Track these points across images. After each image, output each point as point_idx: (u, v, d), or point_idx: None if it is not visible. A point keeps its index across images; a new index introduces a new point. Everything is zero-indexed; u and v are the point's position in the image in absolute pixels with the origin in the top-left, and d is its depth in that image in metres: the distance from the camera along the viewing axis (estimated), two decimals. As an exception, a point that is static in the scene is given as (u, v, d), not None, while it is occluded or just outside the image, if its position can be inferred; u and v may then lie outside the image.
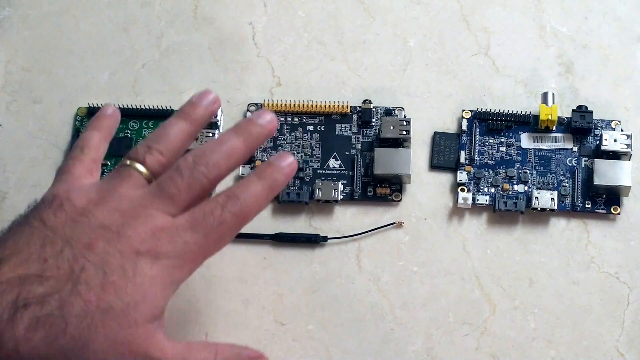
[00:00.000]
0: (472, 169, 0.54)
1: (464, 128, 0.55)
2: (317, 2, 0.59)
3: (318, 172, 0.54)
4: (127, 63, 0.58)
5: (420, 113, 0.56)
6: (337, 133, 0.55)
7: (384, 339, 0.50)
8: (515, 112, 0.55)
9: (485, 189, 0.53)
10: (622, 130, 0.54)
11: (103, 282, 0.38)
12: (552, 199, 0.52)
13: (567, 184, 0.53)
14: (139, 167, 0.42)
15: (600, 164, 0.52)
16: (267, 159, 0.47)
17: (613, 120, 0.55)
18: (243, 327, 0.51)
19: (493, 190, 0.53)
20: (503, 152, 0.54)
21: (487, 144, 0.54)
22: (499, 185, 0.53)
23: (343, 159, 0.55)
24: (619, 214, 0.52)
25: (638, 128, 0.55)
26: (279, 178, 0.43)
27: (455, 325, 0.51)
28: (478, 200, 0.53)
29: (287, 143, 0.55)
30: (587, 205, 0.53)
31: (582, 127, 0.54)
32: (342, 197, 0.53)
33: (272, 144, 0.55)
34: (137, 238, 0.40)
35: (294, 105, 0.56)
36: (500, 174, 0.54)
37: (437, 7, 0.59)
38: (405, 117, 0.55)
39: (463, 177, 0.54)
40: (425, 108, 0.56)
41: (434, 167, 0.55)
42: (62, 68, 0.58)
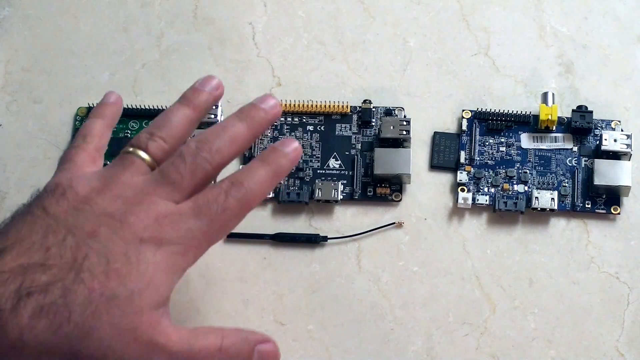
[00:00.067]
0: (472, 169, 0.54)
1: (464, 128, 0.55)
2: (317, 2, 0.59)
3: (318, 172, 0.54)
4: (127, 63, 0.58)
5: (420, 113, 0.56)
6: (337, 133, 0.55)
7: (384, 339, 0.50)
8: (515, 112, 0.55)
9: (485, 189, 0.53)
10: (622, 130, 0.54)
11: (106, 269, 0.38)
12: (552, 199, 0.52)
13: (567, 184, 0.53)
14: (142, 154, 0.42)
15: (600, 164, 0.52)
16: (271, 145, 0.46)
17: (613, 120, 0.55)
18: (243, 327, 0.50)
19: (493, 190, 0.53)
20: (503, 152, 0.54)
21: (487, 144, 0.54)
22: (499, 185, 0.53)
23: (343, 159, 0.55)
24: (619, 214, 0.52)
25: (638, 128, 0.55)
26: (284, 164, 0.43)
27: (455, 325, 0.51)
28: (478, 200, 0.53)
29: (287, 143, 0.55)
30: (587, 205, 0.53)
31: (582, 127, 0.54)
32: (342, 197, 0.53)
33: (272, 144, 0.55)
34: (140, 225, 0.39)
35: (294, 105, 0.56)
36: (500, 174, 0.54)
37: (437, 7, 0.59)
38: (405, 117, 0.55)
39: (463, 177, 0.54)
40: (425, 108, 0.56)
41: (434, 167, 0.55)
42: (62, 68, 0.58)
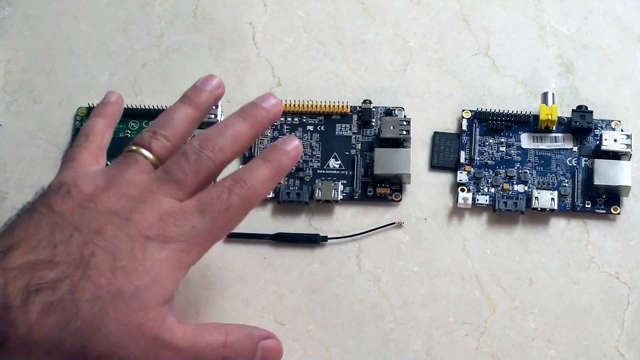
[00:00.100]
0: (472, 169, 0.54)
1: (464, 128, 0.55)
2: (317, 2, 0.59)
3: (318, 172, 0.54)
4: (127, 63, 0.58)
5: (420, 113, 0.56)
6: (337, 133, 0.55)
7: (384, 339, 0.50)
8: (515, 112, 0.55)
9: (485, 189, 0.53)
10: (622, 130, 0.54)
11: (113, 266, 0.38)
12: (552, 199, 0.52)
13: (567, 184, 0.53)
14: (145, 152, 0.42)
15: (600, 164, 0.52)
16: (271, 143, 0.47)
17: (613, 120, 0.55)
18: (243, 327, 0.51)
19: (493, 190, 0.53)
20: (503, 152, 0.54)
21: (487, 144, 0.54)
22: (499, 185, 0.53)
23: (343, 159, 0.55)
24: (619, 214, 0.52)
25: (638, 128, 0.55)
26: (285, 161, 0.43)
27: (455, 325, 0.51)
28: (478, 200, 0.53)
29: (287, 143, 0.55)
30: (587, 205, 0.53)
31: (582, 127, 0.54)
32: (342, 197, 0.53)
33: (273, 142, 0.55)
34: (145, 223, 0.40)
35: (294, 105, 0.56)
36: (500, 174, 0.54)
37: (437, 7, 0.59)
38: (405, 117, 0.55)
39: (463, 177, 0.53)
40: (425, 108, 0.56)
41: (434, 167, 0.54)
42: (62, 68, 0.58)
